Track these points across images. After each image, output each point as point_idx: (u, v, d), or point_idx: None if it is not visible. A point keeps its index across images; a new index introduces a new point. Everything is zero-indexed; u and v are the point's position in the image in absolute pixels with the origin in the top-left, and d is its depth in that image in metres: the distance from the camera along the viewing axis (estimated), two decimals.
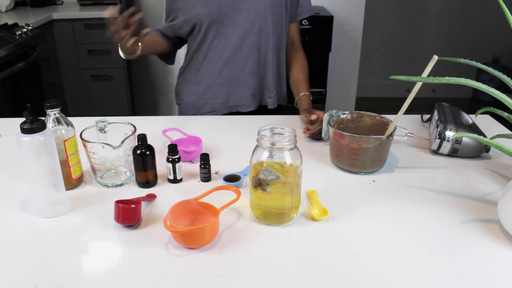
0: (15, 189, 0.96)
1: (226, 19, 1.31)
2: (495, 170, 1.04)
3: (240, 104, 1.43)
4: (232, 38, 1.34)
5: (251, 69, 1.38)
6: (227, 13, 1.30)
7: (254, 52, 1.36)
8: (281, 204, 0.82)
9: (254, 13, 1.31)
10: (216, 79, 1.40)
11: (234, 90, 1.41)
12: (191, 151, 1.07)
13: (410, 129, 1.09)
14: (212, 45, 1.36)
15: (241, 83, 1.40)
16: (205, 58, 1.39)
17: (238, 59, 1.36)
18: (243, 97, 1.42)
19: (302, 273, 0.72)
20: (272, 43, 1.36)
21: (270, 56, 1.38)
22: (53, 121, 0.90)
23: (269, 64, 1.39)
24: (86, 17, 2.94)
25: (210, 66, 1.39)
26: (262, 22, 1.32)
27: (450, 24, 3.87)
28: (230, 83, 1.40)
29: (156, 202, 0.91)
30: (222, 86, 1.40)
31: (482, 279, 0.71)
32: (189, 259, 0.75)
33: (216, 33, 1.33)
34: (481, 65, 0.94)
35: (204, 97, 1.43)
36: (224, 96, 1.42)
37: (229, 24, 1.32)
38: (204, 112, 1.45)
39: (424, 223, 0.85)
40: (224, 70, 1.38)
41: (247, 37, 1.33)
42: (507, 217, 0.79)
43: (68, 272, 0.72)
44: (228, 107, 1.44)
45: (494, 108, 1.04)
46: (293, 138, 0.79)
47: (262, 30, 1.34)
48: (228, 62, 1.37)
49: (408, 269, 0.73)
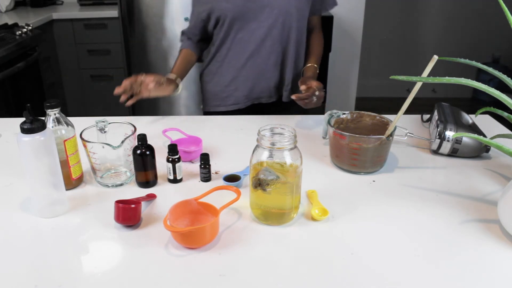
0: (15, 189, 0.96)
1: (250, 14, 1.32)
2: (495, 170, 1.04)
3: (263, 95, 1.45)
4: (256, 33, 1.34)
5: (274, 62, 1.40)
6: (251, 8, 1.31)
7: (277, 46, 1.37)
8: (281, 204, 0.82)
9: (278, 8, 1.32)
10: (240, 72, 1.41)
11: (258, 83, 1.42)
12: (191, 151, 1.07)
13: (410, 129, 1.09)
14: (236, 39, 1.37)
15: (265, 76, 1.41)
16: (229, 51, 1.40)
17: (262, 53, 1.38)
18: (266, 89, 1.43)
19: (302, 273, 0.72)
20: (294, 37, 1.37)
21: (291, 50, 1.39)
22: (53, 121, 0.90)
23: (289, 58, 1.40)
24: (86, 17, 2.94)
25: (234, 59, 1.40)
26: (286, 17, 1.33)
27: (450, 24, 3.87)
28: (254, 76, 1.41)
29: (156, 202, 0.91)
30: (246, 79, 1.42)
31: (482, 279, 0.71)
32: (189, 259, 0.75)
33: (240, 27, 1.34)
34: (481, 65, 0.94)
35: (228, 90, 1.45)
36: (248, 89, 1.43)
37: (253, 19, 1.33)
38: (228, 104, 1.46)
39: (424, 223, 0.85)
40: (248, 63, 1.39)
41: (271, 31, 1.34)
42: (507, 217, 0.79)
43: (68, 272, 0.72)
44: (251, 99, 1.45)
45: (494, 108, 1.04)
46: (293, 138, 0.79)
47: (286, 25, 1.35)
48: (252, 56, 1.38)
49: (408, 269, 0.73)
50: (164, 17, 2.57)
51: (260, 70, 1.40)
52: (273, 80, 1.42)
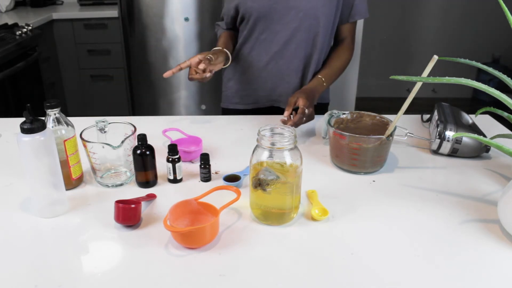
0: (15, 189, 0.96)
1: (275, 15, 1.31)
2: (495, 170, 1.04)
3: (281, 99, 1.43)
4: (280, 35, 1.33)
5: (296, 67, 1.38)
6: (277, 9, 1.30)
7: (301, 51, 1.35)
8: (281, 204, 0.82)
9: (304, 11, 1.29)
10: (261, 73, 1.40)
11: (278, 85, 1.41)
12: (191, 151, 1.07)
13: (410, 129, 1.09)
14: (260, 39, 1.36)
15: (285, 79, 1.40)
16: (252, 51, 1.39)
17: (285, 56, 1.36)
18: (285, 94, 1.41)
19: (302, 273, 0.72)
20: (319, 43, 1.35)
21: (315, 57, 1.36)
22: (53, 121, 0.90)
23: (311, 65, 1.38)
24: (86, 17, 2.94)
25: (256, 59, 1.39)
26: (312, 21, 1.31)
27: (450, 24, 3.87)
28: (274, 78, 1.40)
29: (156, 202, 0.91)
30: (267, 80, 1.41)
31: (482, 279, 0.71)
32: (189, 259, 0.75)
33: (264, 28, 1.33)
34: (481, 65, 0.94)
35: (249, 88, 1.44)
36: (267, 90, 1.42)
37: (278, 20, 1.31)
38: (247, 103, 1.46)
39: (424, 223, 0.85)
40: (270, 64, 1.38)
41: (295, 35, 1.32)
42: (507, 217, 0.79)
43: (68, 272, 0.72)
44: (270, 101, 1.44)
45: (494, 108, 1.04)
46: (293, 138, 0.79)
47: (312, 29, 1.32)
48: (275, 58, 1.37)
49: (408, 269, 0.73)
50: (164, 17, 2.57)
51: (281, 73, 1.38)
52: (293, 85, 1.40)
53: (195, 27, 2.55)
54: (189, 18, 2.52)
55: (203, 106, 2.72)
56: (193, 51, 2.60)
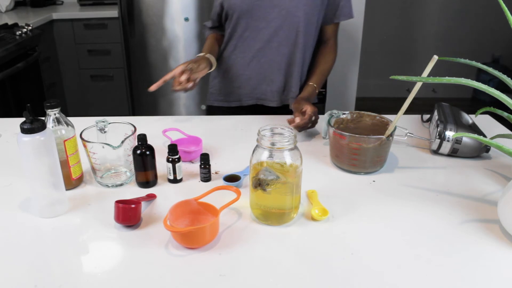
0: (15, 189, 0.96)
1: (258, 12, 1.32)
2: (495, 170, 1.04)
3: (266, 97, 1.44)
4: (263, 32, 1.34)
5: (278, 65, 1.39)
6: (260, 6, 1.31)
7: (283, 49, 1.36)
8: (281, 204, 0.82)
9: (287, 9, 1.30)
10: (244, 70, 1.41)
11: (261, 83, 1.42)
12: (191, 151, 1.07)
13: (410, 129, 1.10)
14: (243, 37, 1.37)
15: (268, 77, 1.41)
16: (235, 48, 1.40)
17: (267, 54, 1.37)
18: (269, 92, 1.43)
19: (302, 273, 0.72)
20: (301, 42, 1.35)
21: (298, 55, 1.37)
22: (53, 121, 0.90)
23: (296, 63, 1.39)
24: (86, 17, 2.94)
25: (240, 56, 1.40)
26: (295, 19, 1.32)
27: (450, 24, 3.87)
28: (257, 76, 1.41)
29: (156, 202, 0.91)
30: (250, 77, 1.42)
31: (482, 279, 0.71)
32: (189, 259, 0.75)
33: (247, 25, 1.34)
34: (481, 65, 0.94)
35: (232, 86, 1.45)
36: (250, 87, 1.43)
37: (261, 17, 1.32)
38: (230, 100, 1.47)
39: (424, 223, 0.85)
40: (253, 62, 1.39)
41: (277, 32, 1.34)
42: (507, 217, 0.79)
43: (68, 272, 0.72)
44: (254, 99, 1.45)
45: (494, 108, 1.04)
46: (293, 138, 0.79)
47: (293, 28, 1.33)
48: (258, 56, 1.38)
49: (408, 269, 0.73)
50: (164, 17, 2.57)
51: (264, 71, 1.40)
52: (277, 84, 1.41)
53: (195, 27, 2.55)
54: (189, 18, 2.52)
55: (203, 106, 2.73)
56: (193, 51, 2.60)
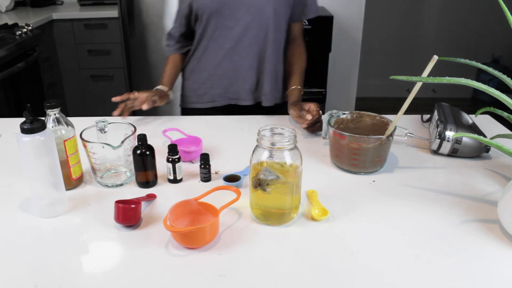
0: (15, 189, 0.96)
1: (228, 11, 1.32)
2: (495, 170, 1.04)
3: (239, 97, 1.44)
4: (233, 31, 1.35)
5: (250, 63, 1.39)
6: (229, 5, 1.31)
7: (254, 47, 1.37)
8: (281, 204, 0.82)
9: (256, 7, 1.31)
10: (216, 70, 1.41)
11: (233, 82, 1.42)
12: (191, 151, 1.07)
13: (410, 129, 1.10)
14: (214, 36, 1.37)
15: (240, 76, 1.41)
16: (206, 49, 1.40)
17: (238, 52, 1.38)
18: (241, 90, 1.43)
19: (302, 273, 0.72)
20: (272, 39, 1.37)
21: (269, 52, 1.39)
22: (53, 121, 0.90)
23: (268, 61, 1.40)
24: (86, 17, 2.94)
25: (211, 56, 1.40)
26: (264, 17, 1.33)
27: (450, 24, 3.87)
28: (229, 75, 1.41)
29: (156, 202, 0.91)
30: (222, 77, 1.42)
31: (482, 279, 0.71)
32: (189, 259, 0.75)
33: (217, 24, 1.34)
34: (481, 65, 0.94)
35: (204, 87, 1.45)
36: (223, 87, 1.44)
37: (230, 16, 1.33)
38: (204, 101, 1.47)
39: (424, 223, 0.85)
40: (224, 61, 1.40)
41: (248, 30, 1.34)
42: (507, 217, 0.79)
43: (68, 272, 0.72)
44: (227, 99, 1.45)
45: (494, 108, 1.04)
46: (293, 138, 0.79)
47: (263, 25, 1.34)
48: (229, 54, 1.38)
49: (408, 269, 0.73)
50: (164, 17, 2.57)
51: (236, 69, 1.40)
52: (250, 82, 1.41)
53: None
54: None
55: None
56: None
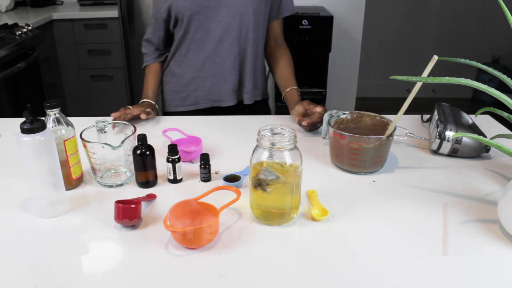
0: (15, 189, 0.96)
1: (208, 12, 1.32)
2: (495, 170, 1.04)
3: (222, 98, 1.44)
4: (214, 32, 1.35)
5: (232, 64, 1.40)
6: (209, 7, 1.32)
7: (235, 47, 1.38)
8: (281, 204, 0.82)
9: (236, 7, 1.32)
10: (199, 72, 1.42)
11: (216, 84, 1.43)
12: (191, 151, 1.07)
13: (410, 129, 1.10)
14: (195, 39, 1.37)
15: (223, 77, 1.41)
16: (188, 51, 1.40)
17: (220, 53, 1.38)
18: (225, 92, 1.43)
19: (302, 273, 0.72)
20: (251, 38, 1.38)
21: (249, 51, 1.40)
22: (53, 121, 0.90)
23: (248, 59, 1.40)
24: (86, 17, 2.94)
25: (193, 59, 1.40)
26: (243, 17, 1.34)
27: (450, 24, 3.87)
28: (212, 76, 1.42)
29: (156, 202, 0.91)
30: (205, 79, 1.42)
31: (482, 279, 0.71)
32: (189, 259, 0.75)
33: (198, 26, 1.35)
34: (481, 65, 0.94)
35: (187, 90, 1.45)
36: (206, 89, 1.44)
37: (211, 18, 1.33)
38: (187, 104, 1.47)
39: (424, 223, 0.85)
40: (206, 63, 1.40)
41: (228, 31, 1.35)
42: (507, 217, 0.79)
43: (68, 272, 0.72)
44: (210, 101, 1.45)
45: (494, 108, 1.04)
46: (293, 138, 0.79)
47: (243, 25, 1.35)
48: (211, 56, 1.38)
49: (408, 269, 0.73)
50: None
51: (218, 71, 1.40)
52: (232, 82, 1.42)
53: None
54: None
55: None
56: None
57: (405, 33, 3.91)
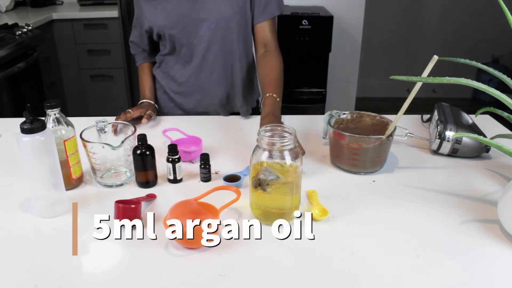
0: (15, 189, 0.96)
1: (188, 29, 1.29)
2: (495, 170, 1.04)
3: (210, 111, 1.42)
4: (197, 48, 1.32)
5: (218, 79, 1.37)
6: (188, 24, 1.29)
7: (219, 62, 1.34)
8: (281, 204, 0.82)
9: (216, 22, 1.28)
10: (185, 87, 1.40)
11: (203, 98, 1.40)
12: (191, 151, 1.07)
13: (410, 129, 1.09)
14: (180, 55, 1.35)
15: (209, 92, 1.39)
16: (174, 64, 1.39)
17: (204, 68, 1.35)
18: (212, 105, 1.41)
19: (302, 273, 0.72)
20: (238, 51, 1.34)
21: (237, 65, 1.36)
22: (53, 121, 0.90)
23: (237, 73, 1.37)
24: (86, 17, 2.94)
25: (179, 73, 1.39)
26: (226, 31, 1.30)
27: (450, 24, 3.87)
28: (198, 91, 1.39)
29: (156, 202, 0.91)
30: (191, 93, 1.40)
31: (482, 279, 0.71)
32: (189, 259, 0.75)
33: (181, 43, 1.32)
34: (481, 65, 0.94)
35: (175, 101, 1.44)
36: (193, 103, 1.42)
37: (192, 34, 1.30)
38: (177, 113, 1.45)
39: (424, 223, 0.85)
40: (191, 78, 1.38)
41: (210, 46, 1.32)
42: (507, 217, 0.79)
43: (68, 272, 0.72)
44: (199, 113, 1.43)
45: (494, 108, 1.04)
46: (293, 138, 0.79)
47: (226, 39, 1.31)
48: (195, 72, 1.36)
49: (408, 269, 0.73)
50: None
51: (204, 86, 1.38)
52: (219, 97, 1.39)
53: None
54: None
55: None
56: None
57: (405, 33, 3.91)
